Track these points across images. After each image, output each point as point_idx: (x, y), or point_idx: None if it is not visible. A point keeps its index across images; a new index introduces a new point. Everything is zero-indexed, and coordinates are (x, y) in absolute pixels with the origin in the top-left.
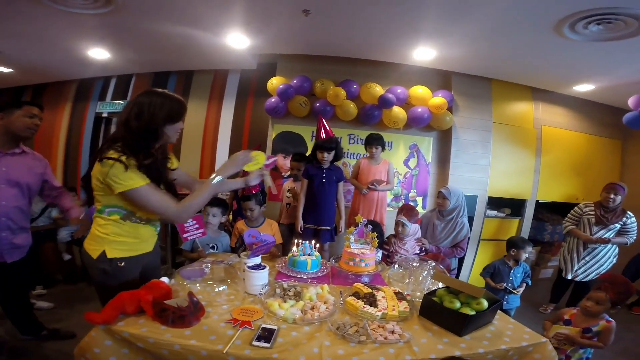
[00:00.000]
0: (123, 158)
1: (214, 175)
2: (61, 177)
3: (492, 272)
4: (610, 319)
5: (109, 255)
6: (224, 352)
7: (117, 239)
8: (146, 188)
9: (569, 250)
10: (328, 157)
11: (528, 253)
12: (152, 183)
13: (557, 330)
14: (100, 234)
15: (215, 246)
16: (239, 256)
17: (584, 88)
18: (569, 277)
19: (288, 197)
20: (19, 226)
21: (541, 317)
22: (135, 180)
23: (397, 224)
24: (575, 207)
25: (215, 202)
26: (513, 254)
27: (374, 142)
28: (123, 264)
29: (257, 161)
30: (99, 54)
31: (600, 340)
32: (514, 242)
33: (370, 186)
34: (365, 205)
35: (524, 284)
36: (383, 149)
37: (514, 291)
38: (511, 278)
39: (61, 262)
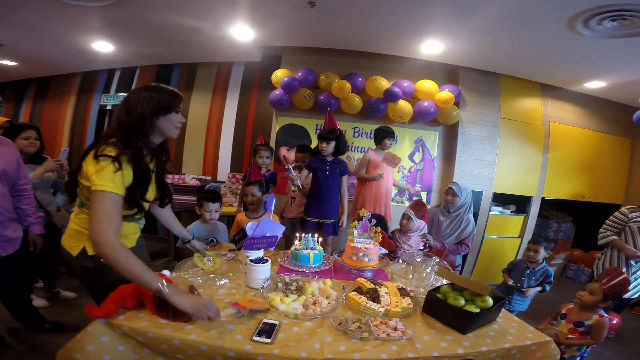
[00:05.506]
0: (122, 157)
1: (166, 286)
2: None
3: (510, 269)
4: (604, 314)
5: (90, 251)
6: (224, 347)
7: None
8: (112, 196)
9: (612, 264)
10: (327, 147)
11: (544, 252)
12: (125, 200)
13: (548, 328)
14: (80, 228)
15: (215, 240)
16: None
17: (594, 85)
18: None
19: (293, 191)
20: (6, 217)
21: (542, 317)
22: (108, 185)
23: (404, 216)
24: (617, 213)
25: (212, 197)
26: (527, 251)
27: (388, 134)
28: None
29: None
30: (102, 46)
31: (592, 336)
32: (530, 239)
33: (388, 159)
34: (370, 199)
35: (538, 287)
36: (395, 140)
37: (522, 290)
38: (523, 278)
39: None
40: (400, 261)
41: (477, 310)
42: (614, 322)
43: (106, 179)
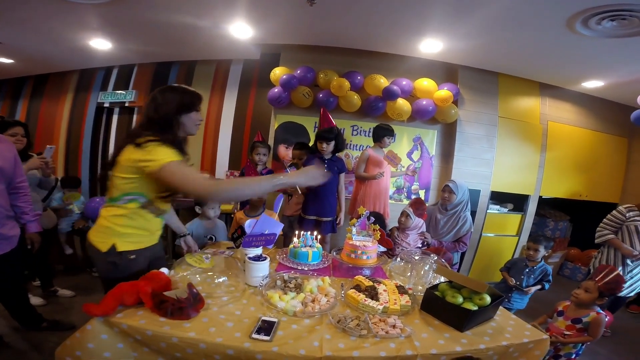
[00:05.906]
0: (165, 140)
1: (281, 176)
2: (62, 167)
3: (509, 267)
4: (601, 311)
5: (120, 248)
6: (223, 344)
7: (127, 230)
8: (180, 163)
9: (609, 263)
10: (327, 147)
11: (544, 251)
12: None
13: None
14: (111, 224)
15: (214, 237)
16: (235, 246)
17: (593, 84)
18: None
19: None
20: (3, 214)
21: (541, 315)
22: (169, 155)
23: (403, 214)
24: (615, 212)
25: None
26: (527, 249)
27: (388, 132)
28: (134, 256)
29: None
30: (100, 44)
31: (589, 333)
32: (529, 238)
33: (389, 157)
34: (369, 197)
35: (538, 286)
36: (394, 139)
37: (523, 289)
38: (522, 277)
39: (62, 253)
40: (399, 259)
41: (475, 308)
42: (607, 319)
43: (164, 152)
